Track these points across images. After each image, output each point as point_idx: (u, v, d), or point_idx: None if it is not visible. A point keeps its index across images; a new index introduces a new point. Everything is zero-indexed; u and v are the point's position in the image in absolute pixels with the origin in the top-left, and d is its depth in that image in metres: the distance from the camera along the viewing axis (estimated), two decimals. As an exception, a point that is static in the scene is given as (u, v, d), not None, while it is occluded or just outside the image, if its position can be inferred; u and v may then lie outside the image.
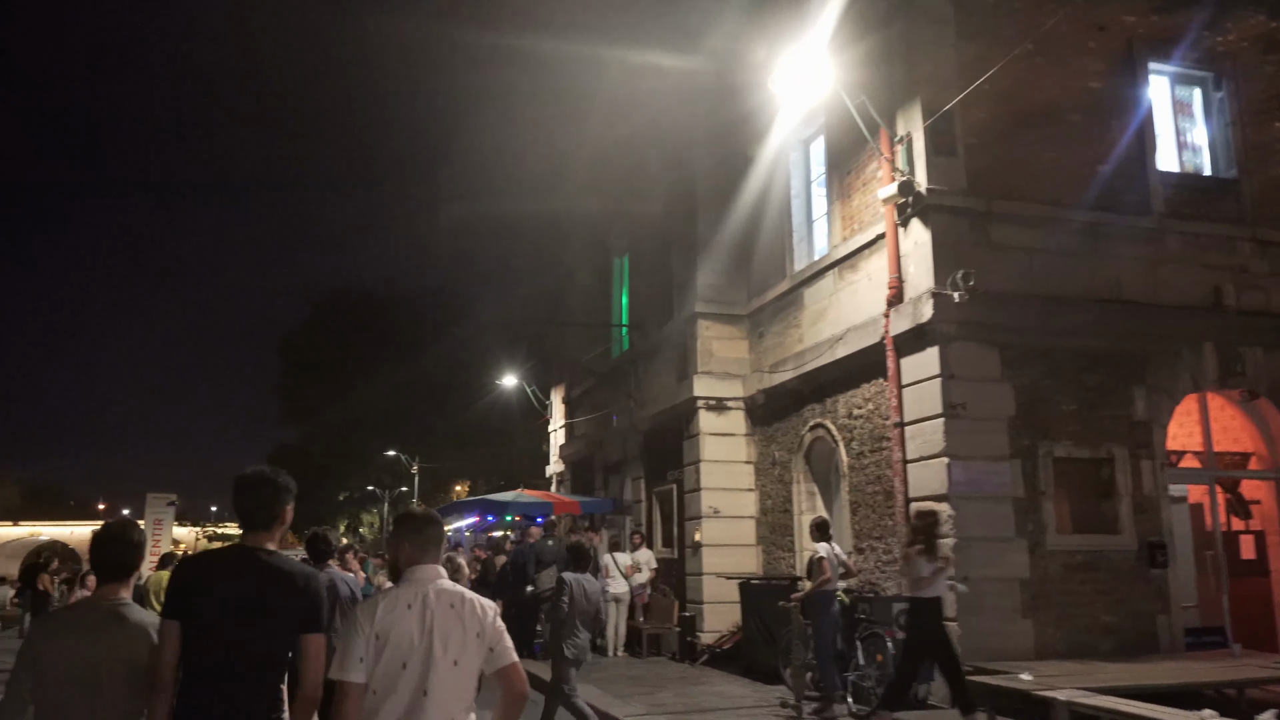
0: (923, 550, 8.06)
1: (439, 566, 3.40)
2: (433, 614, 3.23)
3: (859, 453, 11.28)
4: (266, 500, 3.43)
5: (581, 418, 20.62)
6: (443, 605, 3.27)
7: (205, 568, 3.51)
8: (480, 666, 3.32)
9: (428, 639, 3.20)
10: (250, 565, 3.34)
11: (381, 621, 3.19)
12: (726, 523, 13.78)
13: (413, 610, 3.23)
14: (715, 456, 13.95)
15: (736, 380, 14.17)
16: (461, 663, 3.24)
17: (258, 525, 3.42)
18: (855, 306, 11.45)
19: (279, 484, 3.46)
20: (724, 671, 12.20)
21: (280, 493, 3.46)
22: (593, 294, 20.52)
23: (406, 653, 3.17)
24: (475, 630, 3.28)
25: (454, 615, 3.26)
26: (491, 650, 3.31)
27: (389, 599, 3.26)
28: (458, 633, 3.25)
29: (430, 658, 3.18)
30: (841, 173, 12.03)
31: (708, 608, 13.49)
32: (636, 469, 16.83)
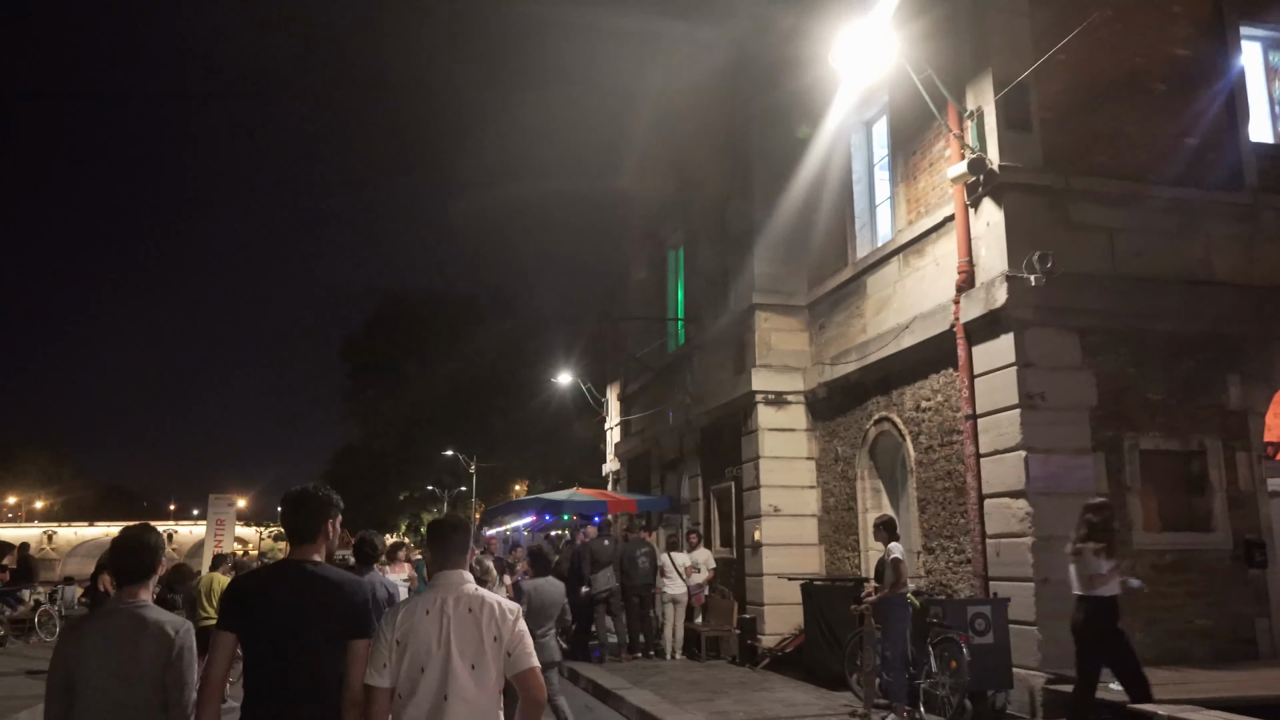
0: (1101, 547, 7.47)
1: (463, 572, 3.46)
2: (449, 619, 3.31)
3: (927, 447, 10.71)
4: (312, 515, 3.56)
5: (637, 414, 20.24)
6: (460, 610, 3.34)
7: (257, 582, 3.59)
8: (501, 670, 3.34)
9: (445, 644, 3.27)
10: (298, 577, 3.45)
11: (401, 627, 3.29)
12: (787, 521, 13.27)
13: (431, 616, 3.31)
14: (775, 453, 13.45)
15: (796, 373, 13.65)
16: (479, 667, 3.29)
17: (304, 539, 3.54)
18: (922, 293, 10.88)
19: (322, 499, 3.59)
20: (786, 676, 11.70)
21: (325, 508, 3.58)
22: (648, 289, 20.13)
23: (425, 657, 3.25)
24: (493, 634, 3.33)
25: (471, 620, 3.33)
26: (509, 655, 3.34)
27: (409, 605, 3.38)
28: (474, 637, 3.31)
29: (449, 662, 3.26)
30: (906, 154, 11.45)
31: (768, 609, 13.00)
32: (694, 466, 16.39)
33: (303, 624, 3.36)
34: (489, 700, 3.31)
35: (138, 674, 3.31)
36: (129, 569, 3.54)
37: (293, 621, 3.35)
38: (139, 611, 3.41)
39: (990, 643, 8.52)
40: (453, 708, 3.22)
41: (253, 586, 3.54)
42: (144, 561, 3.55)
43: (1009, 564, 9.04)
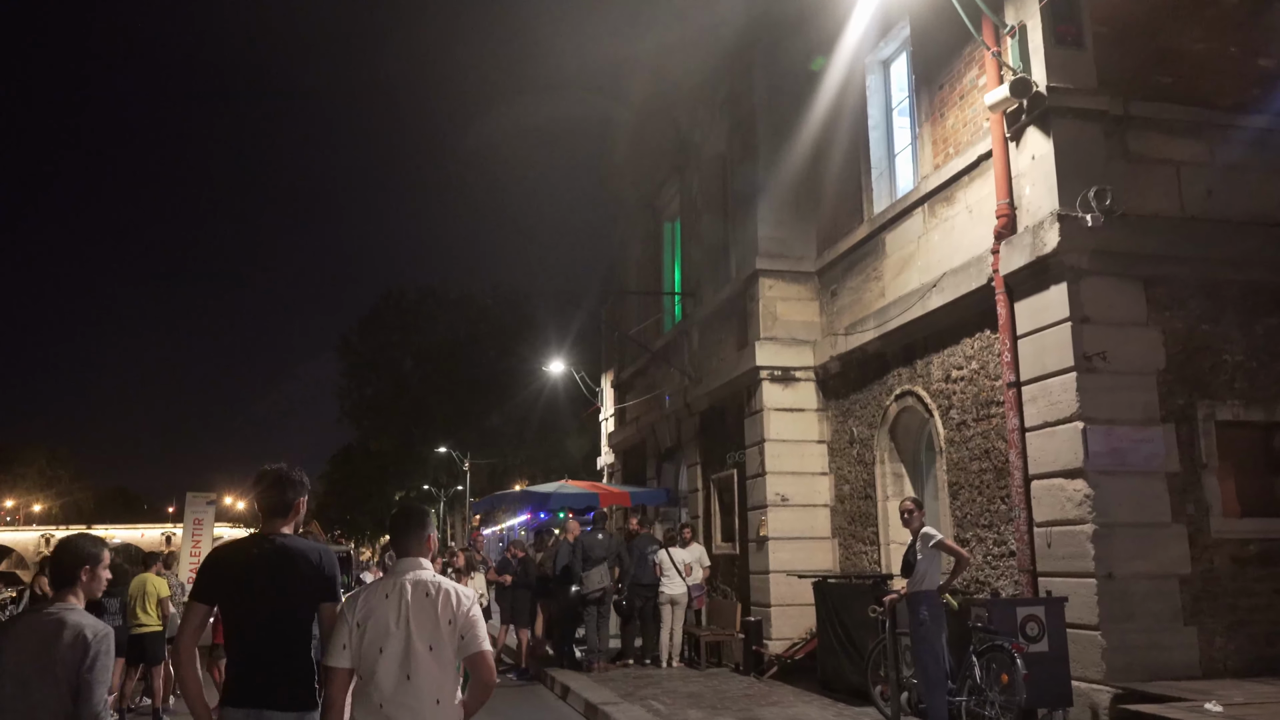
0: None
1: (420, 559, 3.59)
2: (407, 603, 3.42)
3: (960, 423, 9.26)
4: (284, 492, 3.76)
5: (632, 400, 18.80)
6: (418, 594, 3.45)
7: (229, 555, 3.78)
8: (455, 651, 3.45)
9: (404, 626, 3.39)
10: (269, 549, 3.64)
11: (360, 611, 3.43)
12: (796, 512, 11.82)
13: (390, 599, 3.43)
14: (782, 435, 12.00)
15: (805, 347, 12.21)
16: (437, 648, 3.41)
17: (276, 514, 3.75)
18: (952, 247, 9.44)
19: (292, 479, 3.79)
20: (797, 687, 10.26)
21: (294, 486, 3.79)
22: (644, 267, 18.69)
23: (383, 638, 3.37)
24: (448, 618, 3.44)
25: (428, 603, 3.43)
26: (462, 638, 3.45)
27: (369, 589, 3.53)
28: (430, 620, 3.42)
29: (409, 643, 3.37)
30: (931, 89, 10.01)
31: (776, 611, 11.56)
32: (692, 454, 14.95)
33: (275, 591, 3.57)
34: (447, 679, 3.44)
35: (53, 674, 3.44)
36: (57, 574, 3.73)
37: (266, 589, 3.56)
38: (63, 615, 3.56)
39: (1045, 651, 7.08)
40: (413, 685, 3.35)
41: (227, 558, 3.75)
42: (68, 567, 3.69)
43: (1063, 556, 7.60)
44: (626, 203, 20.31)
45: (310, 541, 3.87)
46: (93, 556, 3.75)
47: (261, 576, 3.59)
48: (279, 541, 3.68)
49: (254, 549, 3.69)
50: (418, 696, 3.36)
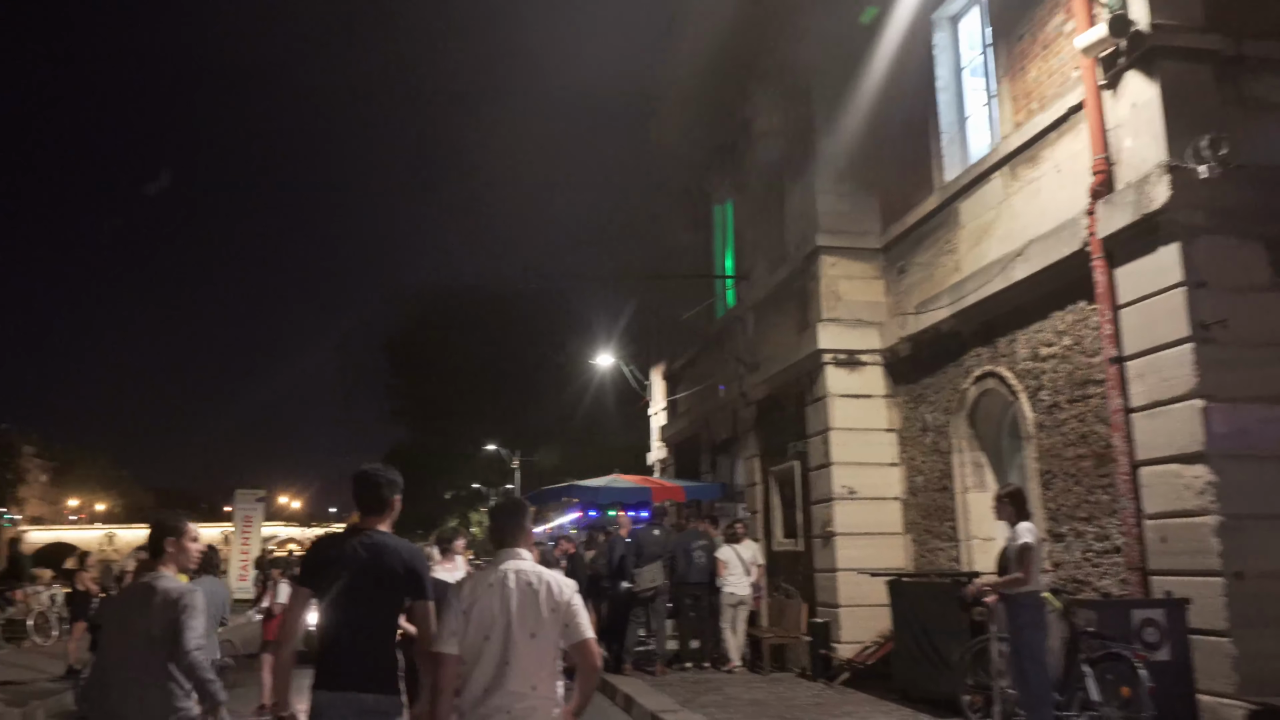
0: None
1: (521, 549, 3.72)
2: (510, 592, 3.57)
3: (1051, 405, 8.40)
4: (379, 490, 4.00)
5: (684, 392, 18.07)
6: (520, 584, 3.59)
7: (330, 546, 4.03)
8: (558, 640, 3.57)
9: (506, 614, 3.53)
10: (365, 543, 3.89)
11: (467, 599, 3.59)
12: (865, 506, 11.01)
13: (494, 589, 3.59)
14: (848, 424, 11.19)
15: (871, 329, 11.38)
16: (539, 636, 3.53)
17: (372, 512, 3.99)
18: (1037, 211, 8.58)
19: (387, 478, 4.05)
20: (871, 695, 9.47)
21: (388, 485, 4.03)
22: (693, 253, 17.92)
23: (488, 626, 3.52)
24: (550, 607, 3.56)
25: (530, 592, 3.57)
26: (566, 626, 3.58)
27: (475, 579, 3.73)
28: (533, 608, 3.54)
29: (509, 631, 3.50)
30: (1010, 40, 9.14)
31: (845, 612, 10.76)
32: (749, 446, 14.18)
33: (367, 583, 3.81)
34: (546, 667, 3.54)
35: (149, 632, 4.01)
36: (149, 548, 4.29)
37: (360, 581, 3.80)
38: (152, 582, 4.15)
39: (1166, 659, 6.24)
40: (513, 671, 3.47)
41: (327, 549, 4.01)
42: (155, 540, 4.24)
43: (1181, 552, 6.72)
44: (673, 189, 19.57)
45: (403, 540, 4.07)
46: (175, 529, 4.30)
47: (356, 568, 3.81)
48: (375, 538, 3.91)
49: (352, 542, 3.91)
50: (517, 682, 3.46)
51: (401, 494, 4.06)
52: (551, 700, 3.55)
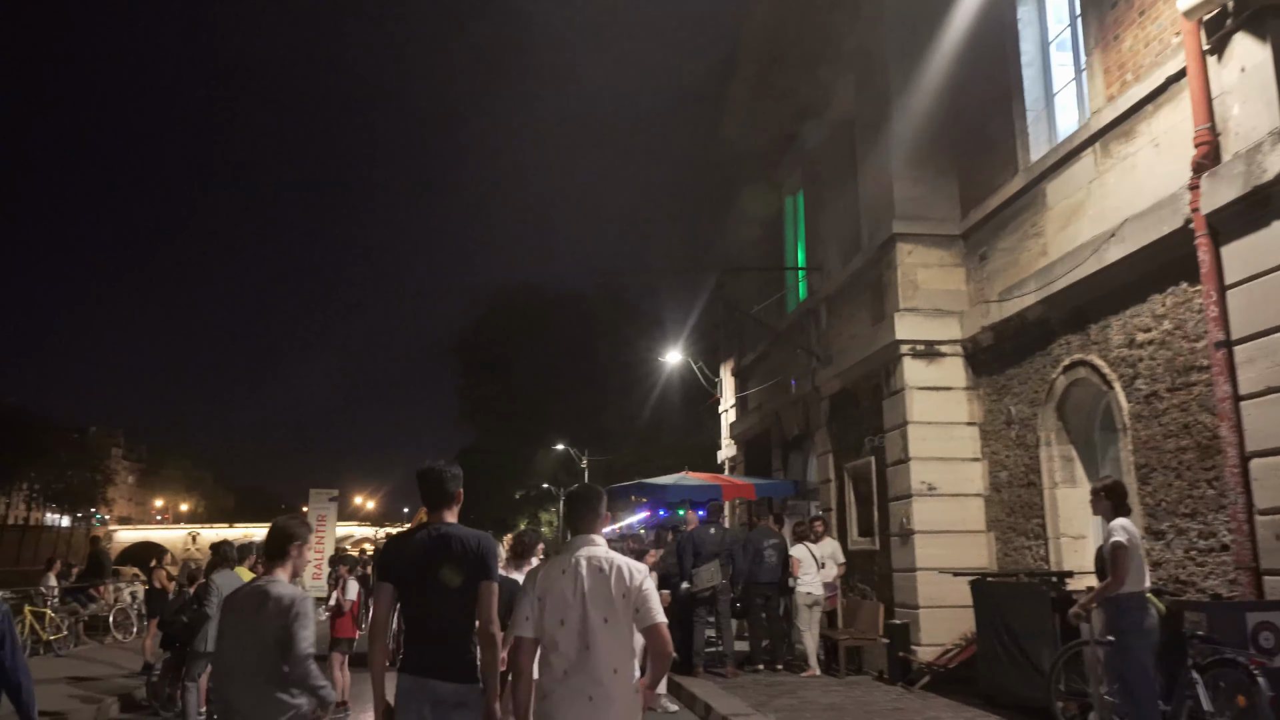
0: None
1: (594, 536, 3.81)
2: (583, 578, 3.64)
3: (1149, 394, 7.87)
4: (441, 485, 4.16)
5: (754, 388, 17.71)
6: (592, 569, 3.66)
7: (402, 540, 4.22)
8: (631, 624, 3.62)
9: (580, 600, 3.61)
10: (433, 535, 4.07)
11: (541, 585, 3.70)
12: (945, 502, 10.55)
13: (566, 575, 3.67)
14: (927, 417, 10.74)
15: (951, 318, 10.91)
16: (612, 620, 3.59)
17: (437, 505, 4.16)
18: (1134, 188, 8.06)
19: (450, 473, 4.21)
20: (954, 700, 9.03)
21: (452, 479, 4.19)
22: (763, 247, 17.59)
23: (563, 611, 3.61)
24: (621, 591, 3.61)
25: (602, 578, 3.64)
26: (638, 611, 3.62)
27: (549, 565, 3.79)
28: (605, 593, 3.61)
29: (585, 615, 3.58)
30: (1101, 9, 8.63)
31: (924, 613, 10.32)
32: (823, 442, 13.77)
33: (437, 572, 3.96)
34: (624, 650, 3.60)
35: (261, 635, 4.08)
36: (269, 550, 4.38)
37: (429, 570, 3.97)
38: (266, 587, 4.22)
39: (1285, 667, 5.72)
40: (593, 655, 3.54)
41: (401, 544, 4.20)
42: (279, 543, 4.35)
43: (1300, 550, 6.19)
44: (742, 180, 19.22)
45: (469, 529, 4.16)
46: (300, 535, 4.40)
47: (430, 559, 3.97)
48: (443, 529, 4.08)
49: (422, 535, 4.09)
50: (597, 665, 3.52)
51: (463, 486, 4.24)
52: (630, 683, 3.62)
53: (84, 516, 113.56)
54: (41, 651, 14.94)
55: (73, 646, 15.15)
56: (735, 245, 19.52)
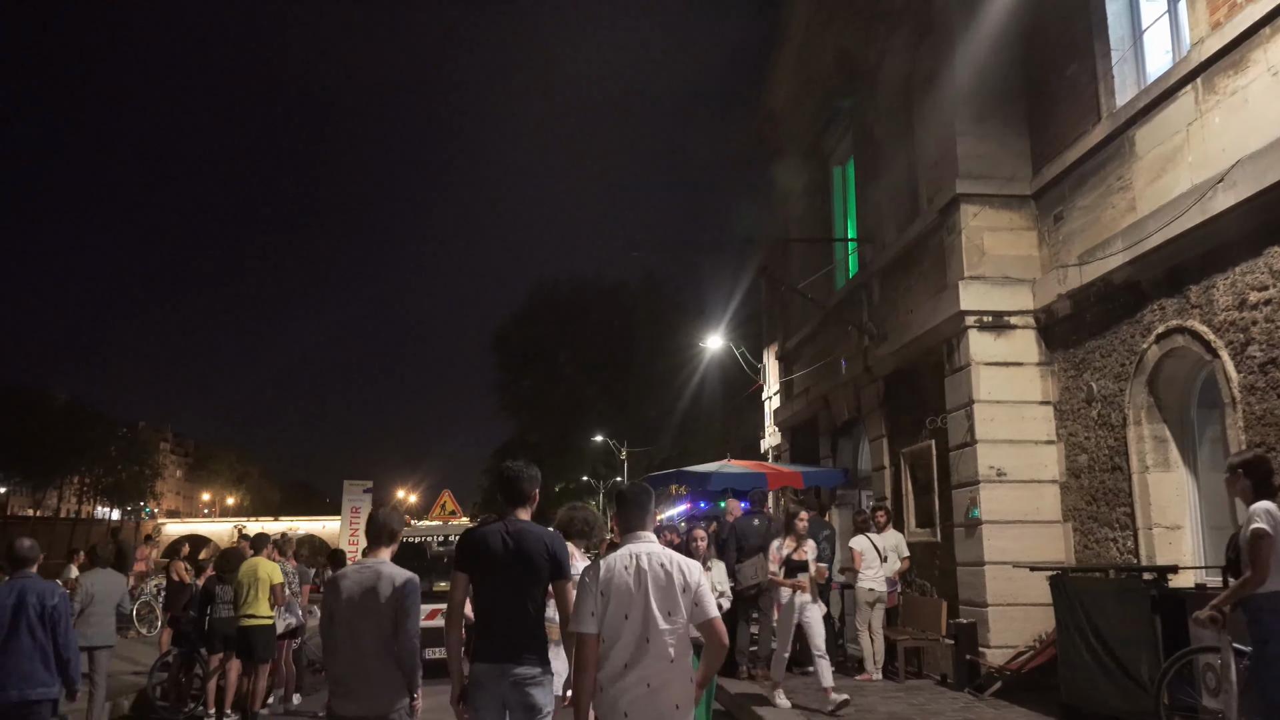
0: None
1: (647, 533, 3.89)
2: (645, 573, 3.71)
3: (1264, 363, 6.82)
4: (521, 484, 4.46)
5: (800, 371, 16.72)
6: (654, 565, 3.73)
7: (480, 534, 4.40)
8: (689, 617, 3.71)
9: (644, 595, 3.68)
10: (511, 530, 4.33)
11: (603, 581, 3.72)
12: (1015, 490, 9.54)
13: (629, 570, 3.72)
14: (995, 395, 9.73)
15: (1021, 286, 9.88)
16: (674, 614, 3.69)
17: (515, 504, 4.44)
18: (1245, 126, 7.01)
19: (528, 474, 4.51)
20: (1030, 710, 8.05)
21: (529, 480, 4.49)
22: (809, 221, 16.58)
23: (626, 605, 3.68)
24: (681, 587, 3.71)
25: (664, 574, 3.72)
26: (696, 605, 3.72)
27: (608, 562, 3.79)
28: (668, 589, 3.69)
29: (648, 610, 3.66)
30: (1202, -75, 7.56)
31: (994, 612, 9.32)
32: (875, 426, 12.77)
33: (518, 566, 4.24)
34: (682, 643, 3.70)
35: (375, 613, 4.36)
36: (373, 537, 4.71)
37: (510, 564, 4.25)
38: (378, 568, 4.51)
39: None
40: (652, 648, 3.63)
41: (477, 538, 4.37)
42: (384, 532, 4.68)
43: None
44: (787, 154, 18.25)
45: (544, 529, 4.47)
46: (399, 527, 4.74)
47: (505, 553, 4.23)
48: (519, 525, 4.34)
49: (500, 530, 4.32)
50: (656, 659, 3.61)
51: (539, 487, 4.53)
52: (687, 673, 3.72)
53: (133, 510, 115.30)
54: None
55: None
56: (780, 224, 18.54)
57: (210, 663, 9.76)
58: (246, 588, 9.32)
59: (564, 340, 55.31)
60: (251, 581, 9.35)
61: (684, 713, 3.68)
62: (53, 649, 5.50)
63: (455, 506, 12.88)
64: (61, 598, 5.68)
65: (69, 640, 5.62)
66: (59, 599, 5.63)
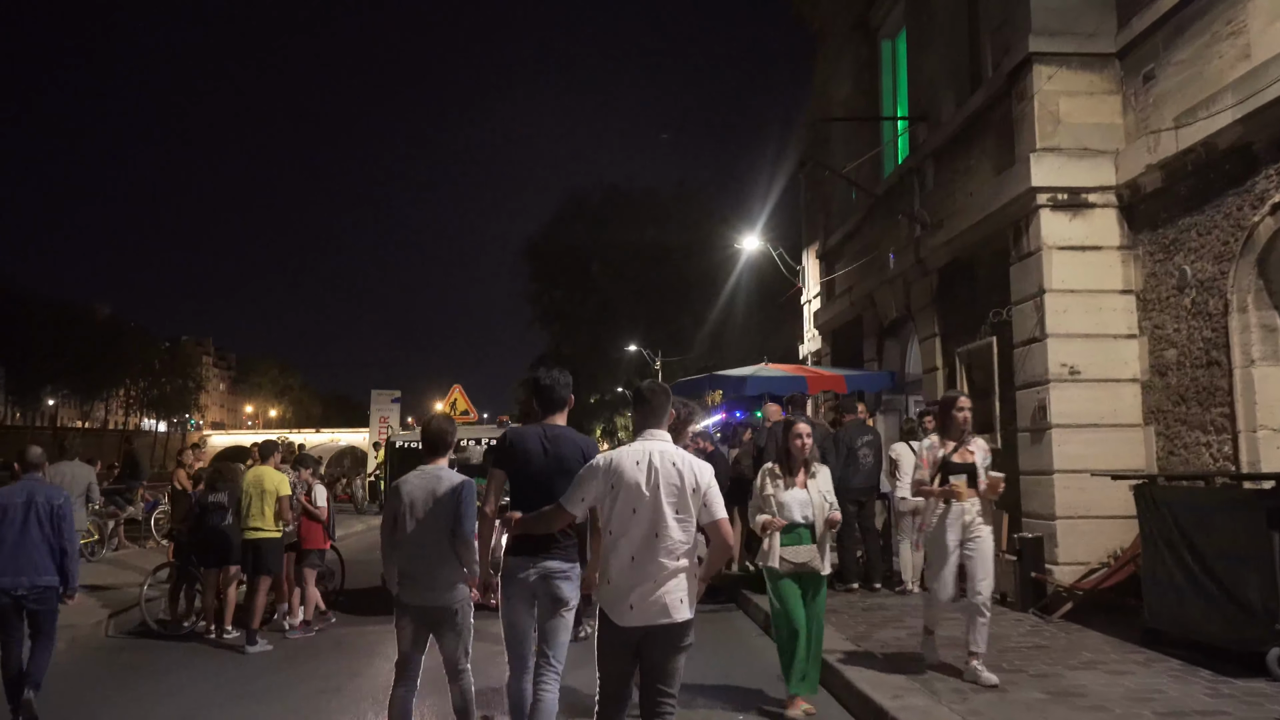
0: None
1: (662, 432, 3.88)
2: (656, 470, 3.70)
3: None
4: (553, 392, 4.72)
5: (842, 269, 15.56)
6: (665, 463, 3.73)
7: (518, 435, 4.70)
8: (697, 516, 3.73)
9: (654, 491, 3.68)
10: (546, 433, 4.63)
11: (613, 474, 3.74)
12: (1090, 390, 8.47)
13: (640, 466, 3.72)
14: (1069, 284, 8.58)
15: (1103, 159, 8.63)
16: (682, 511, 3.70)
17: (551, 409, 4.71)
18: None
19: (562, 380, 4.77)
20: (1109, 635, 7.12)
21: (563, 386, 4.77)
22: (855, 102, 15.18)
23: (636, 500, 3.68)
24: (691, 486, 3.70)
25: (674, 472, 3.71)
26: (705, 505, 3.73)
27: (618, 455, 3.80)
28: (678, 487, 3.69)
29: (658, 506, 3.66)
30: None
31: (1063, 526, 8.36)
32: (927, 324, 11.67)
33: (552, 465, 4.48)
34: (689, 540, 3.71)
35: (436, 511, 4.74)
36: (429, 446, 5.02)
37: (545, 463, 4.51)
38: (438, 472, 4.87)
39: None
40: (660, 543, 3.66)
41: (519, 437, 4.66)
42: (441, 440, 5.02)
43: None
44: (829, 34, 16.74)
45: (578, 432, 4.79)
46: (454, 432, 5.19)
47: (543, 454, 4.55)
48: (555, 430, 4.66)
49: (539, 433, 4.64)
50: (664, 553, 3.65)
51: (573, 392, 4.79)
52: (693, 571, 3.73)
53: (179, 422, 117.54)
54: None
55: (111, 550, 14.20)
56: (824, 109, 17.13)
57: (206, 578, 9.13)
58: (250, 497, 8.63)
59: (596, 250, 54.39)
60: (258, 493, 8.65)
61: (687, 608, 3.68)
62: (57, 544, 6.03)
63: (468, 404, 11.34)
64: (65, 500, 6.24)
65: (72, 538, 6.20)
66: (64, 500, 6.20)
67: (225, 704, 6.52)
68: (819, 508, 5.72)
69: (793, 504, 5.69)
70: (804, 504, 5.70)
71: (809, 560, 5.61)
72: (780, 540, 5.63)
